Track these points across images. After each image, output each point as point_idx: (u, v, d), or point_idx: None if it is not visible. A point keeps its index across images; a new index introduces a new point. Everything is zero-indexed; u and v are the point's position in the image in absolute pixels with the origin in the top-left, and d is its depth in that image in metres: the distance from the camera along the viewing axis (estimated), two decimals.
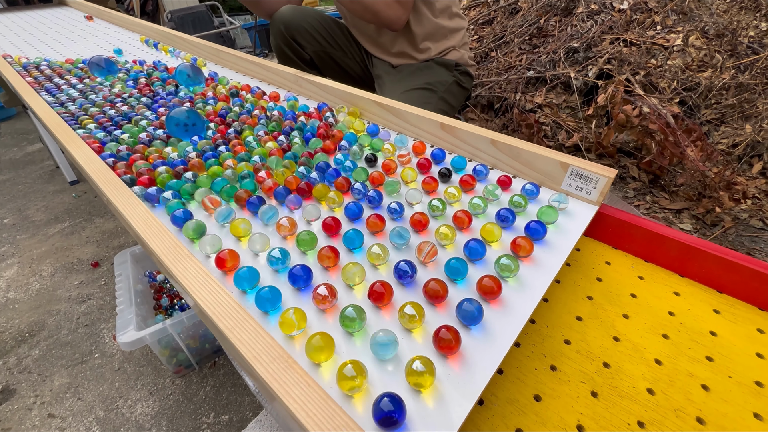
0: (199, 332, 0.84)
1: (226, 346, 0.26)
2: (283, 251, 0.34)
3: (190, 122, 0.54)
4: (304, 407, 0.20)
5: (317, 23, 0.97)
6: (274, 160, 0.48)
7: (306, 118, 0.60)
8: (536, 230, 0.37)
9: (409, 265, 0.32)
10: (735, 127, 1.42)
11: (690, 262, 0.38)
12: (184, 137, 0.55)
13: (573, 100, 1.61)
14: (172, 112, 0.54)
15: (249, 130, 0.57)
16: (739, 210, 1.18)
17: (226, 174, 0.46)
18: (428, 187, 0.45)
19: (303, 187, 0.43)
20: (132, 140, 0.55)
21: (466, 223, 0.38)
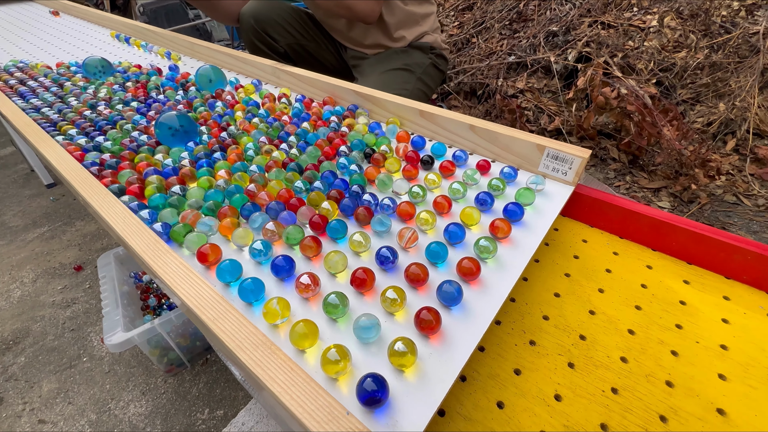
0: (189, 330, 0.84)
1: (211, 338, 0.26)
2: (264, 243, 0.34)
3: (181, 128, 0.50)
4: (288, 391, 0.21)
5: (288, 16, 0.95)
6: (275, 173, 0.44)
7: (312, 125, 0.55)
8: (514, 212, 0.38)
9: (390, 251, 0.33)
10: (709, 106, 1.46)
11: (661, 236, 0.40)
12: (174, 144, 0.51)
13: (554, 84, 1.62)
14: (162, 117, 0.50)
15: (247, 136, 0.53)
16: (714, 186, 1.22)
17: (218, 185, 0.42)
18: (409, 174, 0.45)
19: (295, 203, 0.39)
20: (117, 147, 0.51)
21: (446, 208, 0.39)
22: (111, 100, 0.65)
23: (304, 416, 0.20)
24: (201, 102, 0.63)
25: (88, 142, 0.53)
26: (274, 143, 0.52)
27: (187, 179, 0.45)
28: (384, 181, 0.42)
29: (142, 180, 0.44)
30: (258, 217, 0.38)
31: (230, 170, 0.46)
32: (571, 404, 0.28)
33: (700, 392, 0.29)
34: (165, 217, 0.38)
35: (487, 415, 0.28)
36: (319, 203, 0.40)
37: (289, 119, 0.58)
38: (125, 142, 0.52)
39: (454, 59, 1.84)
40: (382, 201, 0.40)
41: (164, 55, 0.86)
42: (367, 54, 0.96)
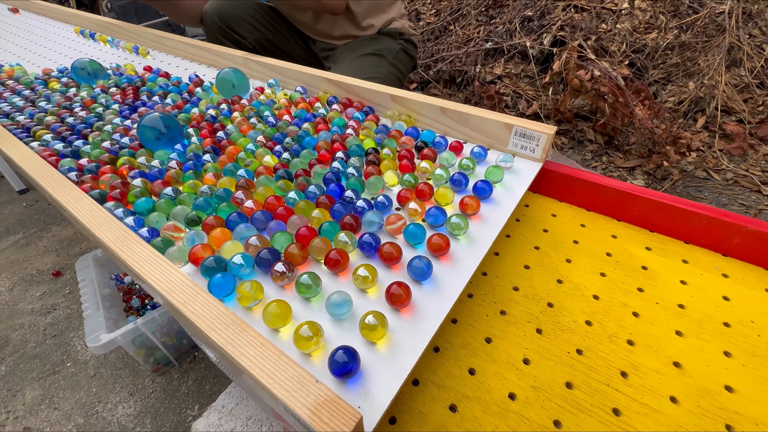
0: (174, 329, 0.83)
1: (184, 323, 0.27)
2: (246, 257, 0.32)
3: (167, 130, 0.47)
4: (258, 364, 0.21)
5: (253, 11, 0.93)
6: (264, 179, 0.42)
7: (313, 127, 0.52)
8: (483, 189, 0.39)
9: (373, 237, 0.33)
10: (680, 85, 1.50)
11: (625, 206, 0.42)
12: (158, 148, 0.48)
13: (531, 69, 1.64)
14: (145, 120, 0.46)
15: (243, 137, 0.50)
16: (685, 163, 1.26)
17: (202, 191, 0.40)
18: (406, 169, 0.43)
19: (283, 213, 0.37)
20: (98, 151, 0.48)
21: (428, 193, 0.39)
22: (92, 105, 0.62)
23: (274, 386, 0.20)
24: (210, 104, 0.59)
25: (65, 147, 0.49)
26: (267, 145, 0.48)
27: (173, 182, 0.43)
28: (374, 183, 0.40)
29: (126, 185, 0.41)
30: (244, 230, 0.35)
31: (220, 173, 0.43)
32: (539, 366, 0.29)
33: (658, 348, 0.30)
34: (152, 222, 0.36)
35: (459, 382, 0.29)
36: (309, 213, 0.37)
37: (291, 119, 0.54)
38: (106, 146, 0.49)
39: (432, 47, 1.84)
40: (377, 199, 0.38)
41: (132, 50, 0.84)
42: (337, 45, 0.96)
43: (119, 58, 0.83)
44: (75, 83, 0.70)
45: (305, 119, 0.54)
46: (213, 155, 0.47)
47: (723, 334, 0.31)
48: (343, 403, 0.20)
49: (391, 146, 0.46)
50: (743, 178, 1.21)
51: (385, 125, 0.51)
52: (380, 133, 0.49)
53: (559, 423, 0.26)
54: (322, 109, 0.56)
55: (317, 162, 0.45)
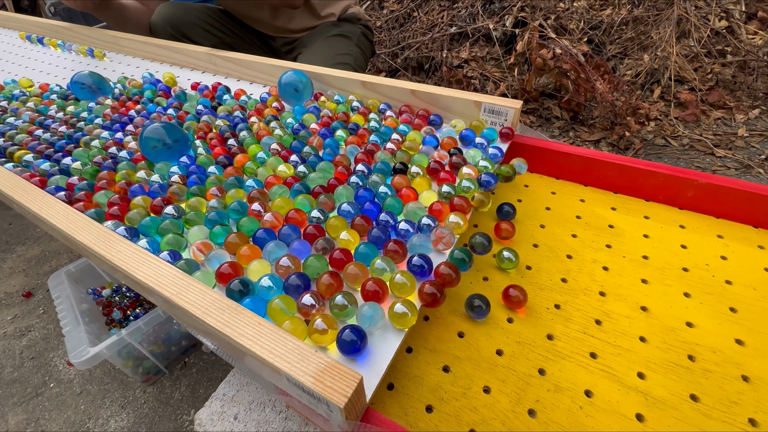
0: (161, 336, 0.82)
1: (179, 315, 0.27)
2: (275, 279, 0.29)
3: (171, 141, 0.43)
4: (258, 342, 0.22)
5: (205, 16, 0.90)
6: (277, 190, 0.38)
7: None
8: (488, 182, 0.40)
9: (425, 259, 0.30)
10: (636, 59, 1.57)
11: (591, 172, 0.44)
12: (160, 160, 0.44)
13: (495, 51, 1.67)
14: (147, 131, 0.42)
15: (257, 144, 0.46)
16: (645, 132, 1.33)
17: (211, 206, 0.37)
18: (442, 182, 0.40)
19: (313, 232, 0.33)
20: (91, 168, 0.43)
21: (466, 208, 0.36)
22: (71, 119, 0.57)
23: (276, 360, 0.21)
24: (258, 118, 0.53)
25: (52, 166, 0.45)
26: (282, 154, 0.44)
27: (175, 199, 0.39)
28: (414, 211, 0.36)
29: (127, 200, 0.38)
30: (274, 248, 0.32)
31: (224, 186, 0.40)
32: (522, 324, 0.31)
33: (627, 296, 0.33)
34: (172, 244, 0.33)
35: (450, 345, 0.30)
36: (338, 233, 0.33)
37: (318, 127, 0.49)
38: (97, 161, 0.45)
39: (397, 35, 1.84)
40: (422, 221, 0.34)
41: (86, 53, 0.80)
42: (298, 38, 0.95)
43: (78, 64, 0.79)
44: (73, 99, 0.64)
45: (345, 128, 0.48)
46: (219, 167, 0.43)
47: (682, 278, 0.34)
48: (343, 368, 0.21)
49: (421, 163, 0.42)
50: (698, 142, 1.29)
51: (432, 137, 0.46)
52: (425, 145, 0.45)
53: (543, 371, 0.28)
54: (374, 122, 0.49)
55: (336, 178, 0.40)
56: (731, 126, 1.33)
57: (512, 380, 0.28)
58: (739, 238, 0.37)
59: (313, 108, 0.53)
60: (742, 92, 1.45)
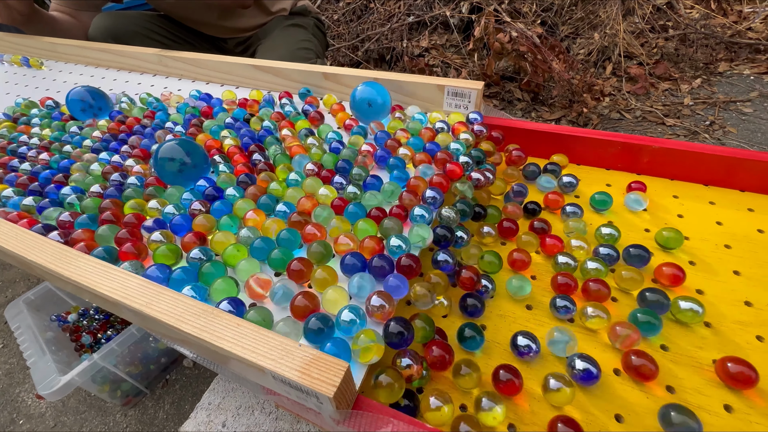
0: (138, 356, 0.78)
1: (151, 326, 0.26)
2: (357, 311, 0.25)
3: (189, 159, 0.38)
4: (238, 343, 0.21)
5: (148, 24, 0.85)
6: (321, 213, 0.33)
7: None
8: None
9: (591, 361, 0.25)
10: (587, 38, 1.63)
11: (555, 146, 0.46)
12: (178, 182, 0.39)
13: (454, 38, 1.69)
14: (162, 151, 0.37)
15: (288, 161, 0.41)
16: (601, 108, 1.39)
17: (242, 235, 0.32)
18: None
19: (410, 265, 0.28)
20: (91, 202, 0.37)
21: (606, 294, 0.30)
22: (53, 146, 0.50)
23: (259, 359, 0.20)
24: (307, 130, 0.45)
25: (37, 200, 0.39)
26: (323, 175, 0.38)
27: (204, 230, 0.34)
28: (521, 286, 0.31)
29: (137, 236, 0.33)
30: (363, 282, 0.27)
31: (261, 210, 0.35)
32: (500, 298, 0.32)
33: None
34: (224, 290, 0.28)
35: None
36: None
37: (372, 150, 0.41)
38: (94, 190, 0.39)
39: (356, 27, 1.82)
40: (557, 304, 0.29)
41: (21, 63, 0.74)
42: (251, 36, 0.92)
43: (13, 75, 0.73)
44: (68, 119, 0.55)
45: (424, 149, 0.41)
46: (239, 188, 0.38)
47: (645, 239, 0.36)
48: (329, 358, 0.20)
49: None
50: (649, 113, 1.36)
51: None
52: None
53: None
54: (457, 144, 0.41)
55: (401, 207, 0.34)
56: (678, 96, 1.42)
57: (495, 352, 0.29)
58: (692, 197, 0.40)
59: (382, 133, 0.44)
60: (685, 64, 1.55)
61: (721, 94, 1.39)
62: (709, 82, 1.46)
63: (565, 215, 0.38)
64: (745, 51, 1.58)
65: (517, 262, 0.33)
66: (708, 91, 1.42)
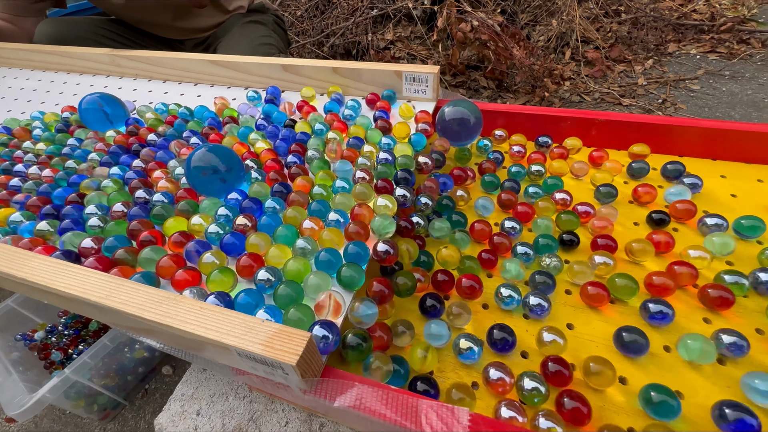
0: (113, 367, 0.76)
1: (113, 320, 0.25)
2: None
3: (224, 167, 0.34)
4: (201, 325, 0.22)
5: (97, 28, 0.81)
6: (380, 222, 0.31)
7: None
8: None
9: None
10: (546, 24, 1.68)
11: (513, 124, 0.48)
12: (218, 194, 0.36)
13: (419, 30, 1.70)
14: (196, 157, 0.34)
15: (325, 168, 0.39)
16: (562, 91, 1.44)
17: (299, 246, 0.30)
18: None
19: (474, 287, 0.29)
20: (116, 226, 0.33)
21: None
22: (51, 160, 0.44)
23: (222, 337, 0.21)
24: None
25: (53, 224, 0.34)
26: (377, 185, 0.36)
27: (256, 250, 0.30)
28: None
29: (181, 259, 0.30)
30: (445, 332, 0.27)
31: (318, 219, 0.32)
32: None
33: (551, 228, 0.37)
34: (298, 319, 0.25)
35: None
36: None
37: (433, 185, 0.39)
38: (117, 209, 0.34)
39: (320, 23, 1.81)
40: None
41: None
42: (208, 36, 0.90)
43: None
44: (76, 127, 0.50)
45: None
46: (278, 199, 0.35)
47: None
48: (292, 330, 0.21)
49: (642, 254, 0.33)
50: (607, 95, 1.42)
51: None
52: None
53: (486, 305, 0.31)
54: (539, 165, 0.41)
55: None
56: (632, 77, 1.49)
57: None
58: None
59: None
60: (637, 46, 1.62)
61: (671, 74, 1.47)
62: (660, 63, 1.54)
63: (705, 226, 0.34)
64: (691, 32, 1.67)
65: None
66: (659, 71, 1.50)
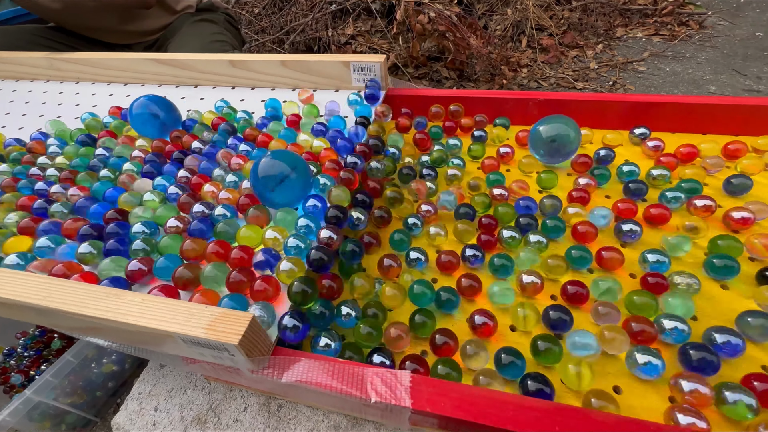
0: (80, 384, 0.74)
1: (57, 322, 0.25)
2: None
3: (296, 178, 0.31)
4: (144, 316, 0.22)
5: (36, 38, 0.76)
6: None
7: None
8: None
9: None
10: (501, 14, 1.73)
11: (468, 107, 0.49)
12: (291, 204, 0.33)
13: (379, 23, 1.71)
14: (263, 166, 0.31)
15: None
16: (520, 78, 1.49)
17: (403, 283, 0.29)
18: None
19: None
20: (172, 240, 0.29)
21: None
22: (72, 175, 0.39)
23: (164, 325, 0.21)
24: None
25: (95, 245, 0.30)
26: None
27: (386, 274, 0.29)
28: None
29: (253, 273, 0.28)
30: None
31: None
32: None
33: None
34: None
35: None
36: None
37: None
38: (173, 225, 0.31)
39: (278, 19, 1.78)
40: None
41: None
42: (157, 39, 0.87)
43: None
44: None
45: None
46: (366, 213, 0.33)
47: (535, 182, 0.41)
48: (235, 312, 0.22)
49: None
50: (562, 80, 1.48)
51: None
52: None
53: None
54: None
55: None
56: (584, 61, 1.55)
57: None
58: None
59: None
60: (588, 32, 1.69)
61: (620, 57, 1.55)
62: (609, 47, 1.62)
63: None
64: (636, 16, 1.76)
65: None
66: (609, 54, 1.57)
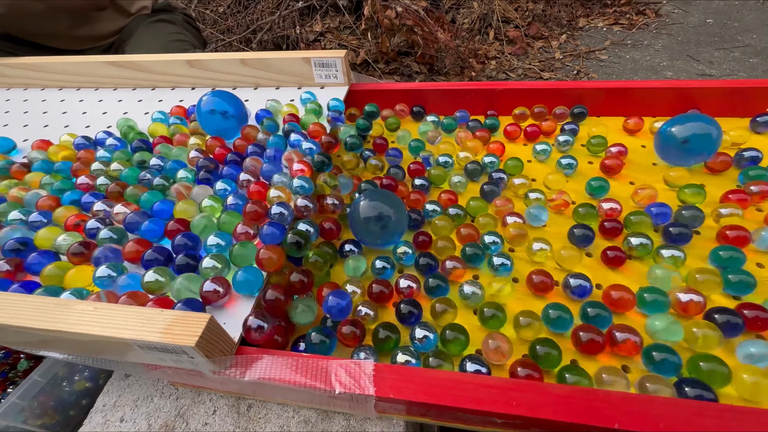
0: (50, 404, 0.70)
1: (6, 339, 0.24)
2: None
3: (395, 213, 0.30)
4: (97, 323, 0.21)
5: None
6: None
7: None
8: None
9: None
10: (468, 8, 1.75)
11: (423, 101, 0.50)
12: (386, 244, 0.32)
13: (347, 20, 1.70)
14: (363, 209, 0.30)
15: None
16: (489, 70, 1.51)
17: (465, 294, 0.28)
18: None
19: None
20: (245, 250, 0.28)
21: None
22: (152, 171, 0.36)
23: (119, 332, 0.21)
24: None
25: (164, 272, 0.27)
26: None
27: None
28: None
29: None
30: None
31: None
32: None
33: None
34: None
35: None
36: None
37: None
38: (242, 231, 0.30)
39: (244, 18, 1.74)
40: None
41: None
42: (112, 43, 0.83)
43: None
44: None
45: None
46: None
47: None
48: (192, 314, 0.21)
49: None
50: (529, 70, 1.51)
51: None
52: None
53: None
54: None
55: None
56: (550, 52, 1.59)
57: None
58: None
59: None
60: (552, 23, 1.74)
61: (583, 46, 1.60)
62: (573, 37, 1.67)
63: None
64: (597, 6, 1.81)
65: None
66: (572, 44, 1.62)
